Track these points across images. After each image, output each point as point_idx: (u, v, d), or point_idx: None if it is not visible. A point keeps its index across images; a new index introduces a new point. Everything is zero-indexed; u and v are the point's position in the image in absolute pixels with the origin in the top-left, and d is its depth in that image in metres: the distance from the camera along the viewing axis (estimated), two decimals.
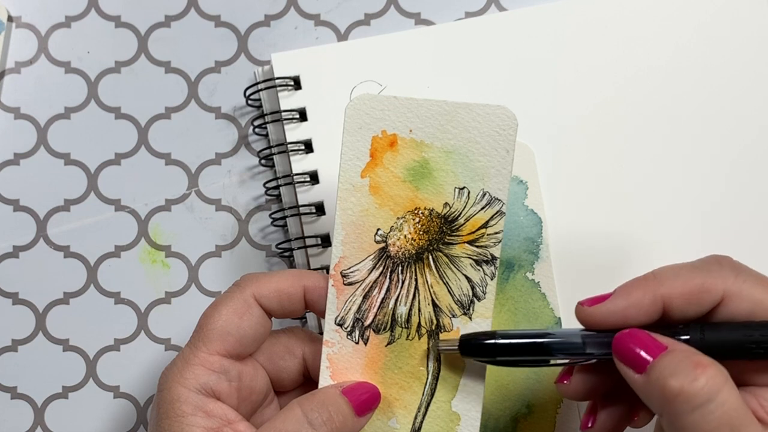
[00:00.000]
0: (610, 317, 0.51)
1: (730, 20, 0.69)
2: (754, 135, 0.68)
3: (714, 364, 0.47)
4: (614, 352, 0.51)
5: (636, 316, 0.51)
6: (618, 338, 0.51)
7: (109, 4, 0.72)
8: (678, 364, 0.48)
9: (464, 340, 0.54)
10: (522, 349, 0.53)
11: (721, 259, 0.52)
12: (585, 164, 0.68)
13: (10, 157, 0.72)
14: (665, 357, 0.48)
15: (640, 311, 0.51)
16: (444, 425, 0.56)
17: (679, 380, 0.47)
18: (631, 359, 0.50)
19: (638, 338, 0.50)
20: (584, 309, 0.52)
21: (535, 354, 0.53)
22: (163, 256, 0.71)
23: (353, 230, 0.56)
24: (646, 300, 0.51)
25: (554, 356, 0.53)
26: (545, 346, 0.53)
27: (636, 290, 0.51)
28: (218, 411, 0.54)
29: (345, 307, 0.56)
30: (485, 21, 0.70)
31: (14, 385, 0.71)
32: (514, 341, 0.53)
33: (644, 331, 0.50)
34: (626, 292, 0.51)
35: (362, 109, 0.56)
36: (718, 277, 0.50)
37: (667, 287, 0.51)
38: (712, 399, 0.46)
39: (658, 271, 0.52)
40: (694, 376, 0.47)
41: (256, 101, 0.71)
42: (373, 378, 0.56)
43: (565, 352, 0.53)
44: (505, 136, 0.55)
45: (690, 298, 0.50)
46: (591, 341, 0.52)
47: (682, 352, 0.48)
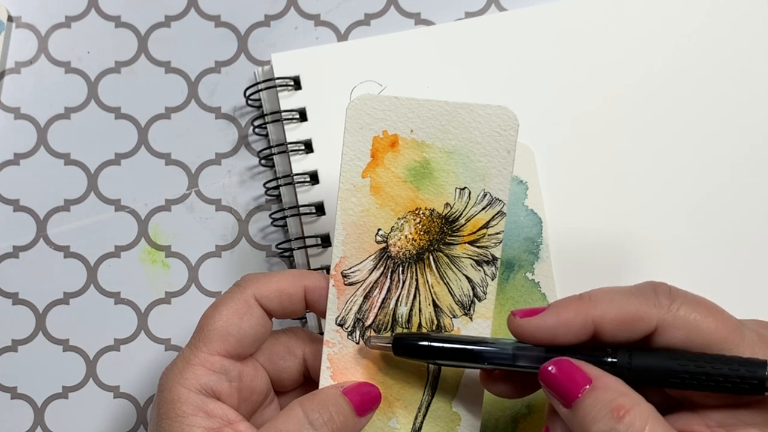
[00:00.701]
0: (538, 333, 0.51)
1: (730, 20, 0.69)
2: (754, 135, 0.68)
3: (635, 405, 0.47)
4: (541, 381, 0.51)
5: (565, 335, 0.50)
6: (543, 370, 0.50)
7: (109, 4, 0.72)
8: (599, 409, 0.47)
9: (397, 340, 0.54)
10: (453, 355, 0.53)
11: (657, 286, 0.51)
12: (585, 164, 0.68)
13: (10, 157, 0.72)
14: (588, 397, 0.48)
15: (569, 331, 0.50)
16: (444, 425, 0.56)
17: (599, 427, 0.47)
18: (558, 392, 0.50)
19: (563, 370, 0.50)
20: (515, 320, 0.52)
21: (467, 360, 0.53)
22: (163, 256, 0.71)
23: (354, 230, 0.56)
24: (577, 321, 0.50)
25: (484, 364, 0.53)
26: (476, 353, 0.53)
27: (568, 310, 0.51)
28: (219, 411, 0.54)
29: (346, 307, 0.56)
30: (485, 21, 0.70)
31: (14, 385, 0.71)
32: (445, 346, 0.53)
33: (570, 361, 0.50)
34: (558, 310, 0.51)
35: (363, 109, 0.56)
36: (653, 306, 0.50)
37: (599, 311, 0.50)
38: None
39: (594, 293, 0.51)
40: (613, 423, 0.47)
41: (256, 101, 0.71)
42: (373, 378, 0.56)
43: (495, 361, 0.52)
44: (506, 136, 0.55)
45: (622, 324, 0.50)
46: (522, 354, 0.52)
47: (604, 392, 0.48)
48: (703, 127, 0.69)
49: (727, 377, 0.48)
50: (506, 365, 0.52)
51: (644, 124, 0.69)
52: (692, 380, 0.48)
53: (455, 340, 0.54)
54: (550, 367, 0.50)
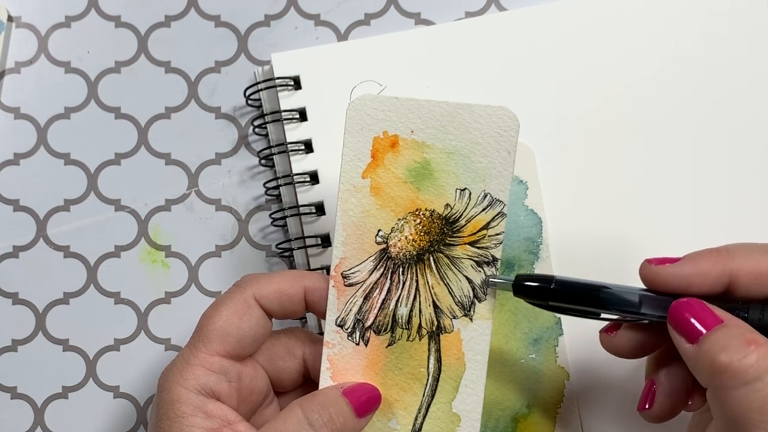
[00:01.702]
0: (673, 280, 0.51)
1: (731, 20, 0.69)
2: (755, 135, 0.68)
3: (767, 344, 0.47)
4: (669, 318, 0.50)
5: (700, 285, 0.50)
6: (675, 305, 0.50)
7: (109, 4, 0.72)
8: (730, 339, 0.47)
9: (519, 280, 0.54)
10: (576, 298, 0.53)
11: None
12: (585, 164, 0.68)
13: (10, 157, 0.72)
14: (718, 330, 0.48)
15: (705, 281, 0.50)
16: (444, 426, 0.56)
17: (729, 355, 0.46)
18: (685, 328, 0.49)
19: (695, 308, 0.49)
20: (650, 267, 0.52)
21: (589, 305, 0.52)
22: (163, 256, 0.71)
23: (354, 231, 0.56)
24: (714, 271, 0.50)
25: (608, 310, 0.52)
26: (601, 298, 0.52)
27: (706, 260, 0.51)
28: (218, 411, 0.54)
29: (346, 308, 0.56)
30: (485, 21, 0.70)
31: (14, 385, 0.71)
32: (569, 288, 0.53)
33: (702, 302, 0.50)
34: (696, 259, 0.51)
35: (363, 109, 0.56)
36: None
37: (737, 263, 0.50)
38: (760, 378, 0.46)
39: (731, 247, 0.51)
40: (745, 353, 0.46)
41: (256, 101, 0.71)
42: (373, 379, 0.56)
43: (619, 307, 0.52)
44: (506, 137, 0.55)
45: (758, 278, 0.50)
46: (648, 301, 0.51)
47: (737, 328, 0.48)
48: (704, 126, 0.68)
49: None
50: (631, 312, 0.52)
51: (644, 124, 0.69)
52: None
53: (578, 284, 0.53)
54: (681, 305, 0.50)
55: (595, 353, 0.67)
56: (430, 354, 0.56)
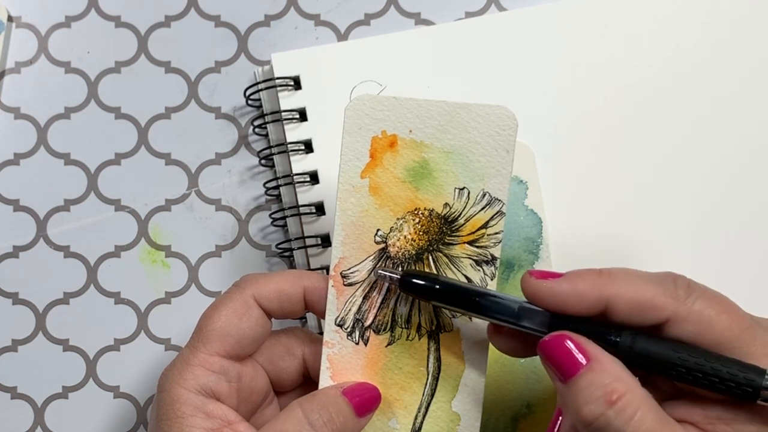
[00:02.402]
0: (550, 297, 0.51)
1: (731, 20, 0.69)
2: (755, 135, 0.68)
3: (629, 390, 0.47)
4: (540, 352, 0.50)
5: (575, 305, 0.50)
6: (543, 343, 0.50)
7: (109, 4, 0.72)
8: (592, 391, 0.47)
9: (405, 276, 0.54)
10: (458, 301, 0.53)
11: (677, 277, 0.51)
12: (585, 164, 0.68)
13: (10, 157, 0.72)
14: (583, 378, 0.48)
15: (581, 302, 0.50)
16: (444, 425, 0.56)
17: (590, 410, 0.47)
18: (555, 367, 0.50)
19: (564, 346, 0.49)
20: (530, 279, 0.51)
21: (470, 310, 0.53)
22: (163, 256, 0.71)
23: (353, 231, 0.56)
24: (591, 294, 0.50)
25: (486, 316, 0.52)
26: (481, 304, 0.52)
27: (585, 281, 0.50)
28: (218, 412, 0.54)
29: (345, 307, 0.56)
30: (485, 21, 0.70)
31: (14, 385, 0.71)
32: (452, 291, 0.53)
33: (572, 338, 0.50)
34: (575, 279, 0.51)
35: (362, 109, 0.56)
36: (670, 296, 0.49)
37: (615, 289, 0.50)
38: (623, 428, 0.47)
39: (614, 271, 0.51)
40: (604, 408, 0.47)
41: (256, 101, 0.71)
42: (373, 378, 0.56)
43: (498, 316, 0.52)
44: (505, 136, 0.55)
45: (635, 308, 0.49)
46: (527, 314, 0.52)
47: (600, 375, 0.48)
48: (704, 126, 0.68)
49: (723, 380, 0.48)
50: (509, 322, 0.52)
51: (644, 124, 0.69)
52: (689, 375, 0.48)
53: (462, 287, 0.53)
54: (551, 340, 0.50)
55: None
56: (429, 353, 0.56)
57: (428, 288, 0.54)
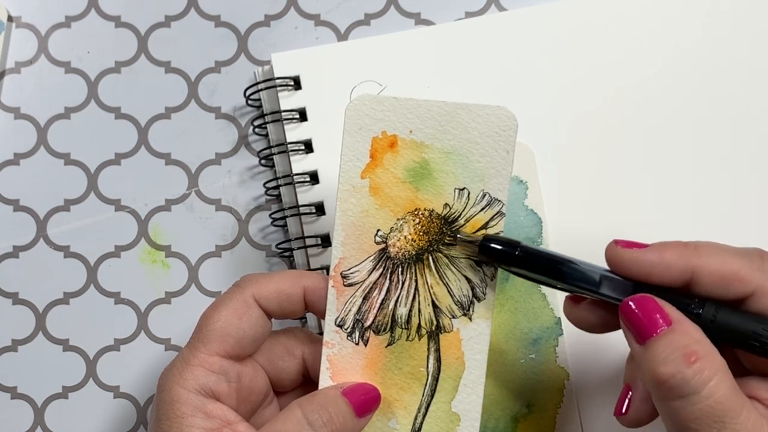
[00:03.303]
0: (634, 265, 0.51)
1: (731, 20, 0.69)
2: (755, 135, 0.68)
3: (708, 354, 0.47)
4: (620, 313, 0.50)
5: (660, 275, 0.50)
6: (627, 301, 0.50)
7: (109, 4, 0.72)
8: (672, 351, 0.47)
9: (486, 240, 0.54)
10: (538, 267, 0.53)
11: (764, 253, 0.51)
12: (585, 164, 0.68)
13: (10, 157, 0.72)
14: (663, 338, 0.48)
15: (666, 272, 0.50)
16: (444, 426, 0.56)
17: (667, 368, 0.47)
18: (635, 326, 0.49)
19: (646, 308, 0.49)
20: (615, 248, 0.51)
21: (550, 276, 0.52)
22: (163, 256, 0.71)
23: (353, 231, 0.56)
24: (678, 265, 0.50)
25: (567, 284, 0.52)
26: (562, 271, 0.52)
27: (671, 252, 0.50)
28: (218, 412, 0.54)
29: (345, 308, 0.56)
30: (485, 21, 0.70)
31: (14, 385, 0.71)
32: (533, 257, 0.53)
33: (655, 300, 0.50)
34: (661, 249, 0.51)
35: (362, 109, 0.56)
36: (756, 269, 0.49)
37: (702, 261, 0.50)
38: (697, 391, 0.46)
39: (700, 244, 0.51)
40: (682, 367, 0.47)
41: (256, 101, 0.71)
42: (373, 379, 0.56)
43: (579, 283, 0.52)
44: (505, 137, 0.55)
45: (720, 280, 0.49)
46: (608, 283, 0.51)
47: (682, 336, 0.48)
48: (704, 126, 0.68)
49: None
50: (590, 290, 0.52)
51: (644, 124, 0.68)
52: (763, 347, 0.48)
53: (543, 254, 0.53)
54: (633, 302, 0.50)
55: (595, 353, 0.67)
56: (429, 353, 0.56)
57: (508, 254, 0.53)
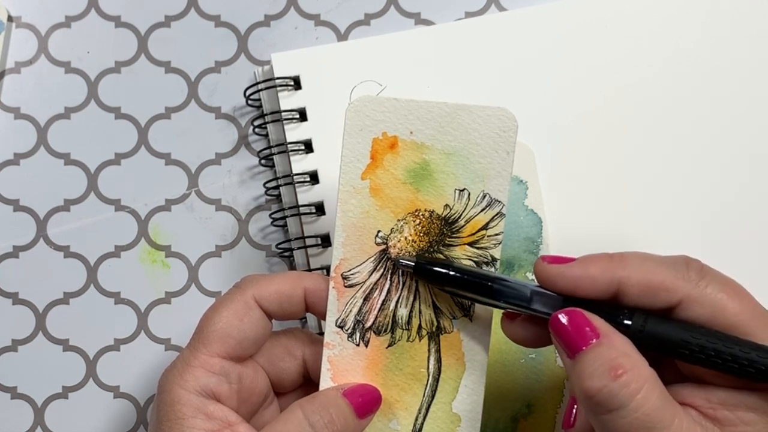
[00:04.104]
0: (561, 280, 0.51)
1: (731, 20, 0.69)
2: (755, 135, 0.68)
3: (635, 367, 0.47)
4: (550, 327, 0.51)
5: (587, 288, 0.50)
6: (554, 316, 0.50)
7: (109, 4, 0.72)
8: (599, 364, 0.48)
9: (419, 263, 0.55)
10: (469, 286, 0.53)
11: (690, 261, 0.51)
12: (585, 164, 0.68)
13: (10, 157, 0.72)
14: (590, 352, 0.48)
15: (592, 285, 0.50)
16: (444, 426, 0.56)
17: (594, 383, 0.47)
18: (564, 341, 0.50)
19: (574, 321, 0.50)
20: (542, 264, 0.52)
21: (482, 294, 0.53)
22: (163, 256, 0.71)
23: (354, 232, 0.56)
24: (603, 277, 0.50)
25: (499, 301, 0.53)
26: (493, 289, 0.53)
27: (596, 264, 0.51)
28: (218, 413, 0.54)
29: (346, 309, 0.56)
30: (485, 21, 0.70)
31: (14, 385, 0.71)
32: (465, 276, 0.53)
33: (583, 313, 0.50)
34: (586, 263, 0.51)
35: (363, 110, 0.56)
36: (682, 278, 0.50)
37: (628, 272, 0.50)
38: (625, 405, 0.47)
39: (625, 255, 0.51)
40: (609, 381, 0.47)
41: (256, 101, 0.71)
42: (373, 380, 0.56)
43: (510, 300, 0.52)
44: (505, 137, 0.55)
45: (647, 290, 0.50)
46: (539, 298, 0.52)
47: (608, 350, 0.48)
48: (704, 126, 0.68)
49: (736, 358, 0.48)
50: (521, 306, 0.52)
51: (644, 124, 0.69)
52: (701, 354, 0.48)
53: (475, 272, 0.54)
54: (561, 315, 0.50)
55: None
56: (430, 354, 0.56)
57: (442, 274, 0.54)
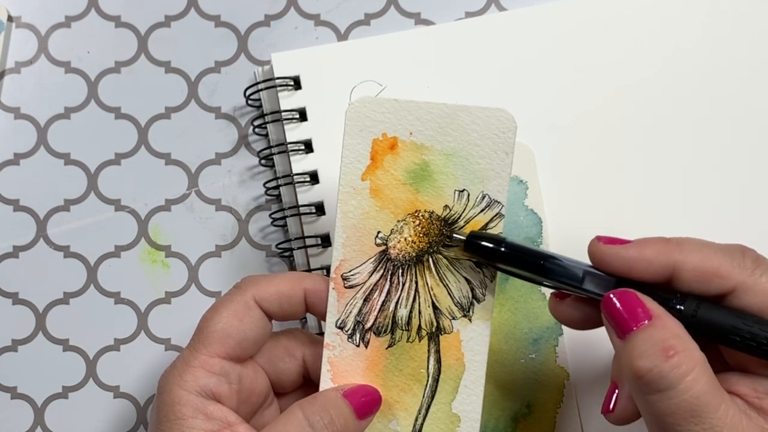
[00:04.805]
0: (616, 261, 0.51)
1: (731, 20, 0.69)
2: (755, 135, 0.68)
3: (687, 349, 0.47)
4: (602, 307, 0.51)
5: (642, 271, 0.50)
6: (607, 296, 0.50)
7: (109, 4, 0.72)
8: (650, 345, 0.48)
9: (471, 237, 0.54)
10: (522, 263, 0.53)
11: (745, 249, 0.51)
12: (585, 164, 0.68)
13: (10, 157, 0.72)
14: (642, 332, 0.48)
15: (647, 268, 0.50)
16: (444, 427, 0.56)
17: (644, 362, 0.47)
18: (615, 322, 0.50)
19: (627, 302, 0.50)
20: (597, 244, 0.52)
21: (534, 272, 0.53)
22: (163, 256, 0.71)
23: (354, 233, 0.56)
24: (659, 260, 0.50)
25: (550, 279, 0.52)
26: (545, 267, 0.52)
27: (652, 247, 0.50)
28: (218, 413, 0.54)
29: (346, 310, 0.56)
30: (485, 21, 0.70)
31: (14, 385, 0.71)
32: (517, 252, 0.53)
33: (636, 294, 0.50)
34: (642, 245, 0.51)
35: (363, 111, 0.56)
36: (737, 266, 0.49)
37: (683, 257, 0.50)
38: (674, 386, 0.46)
39: (682, 239, 0.51)
40: (660, 361, 0.47)
41: (256, 101, 0.71)
42: (373, 381, 0.56)
43: (562, 279, 0.52)
44: (504, 138, 0.55)
45: (701, 276, 0.50)
46: (591, 278, 0.52)
47: (661, 331, 0.48)
48: (703, 126, 0.68)
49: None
50: (573, 285, 0.52)
51: (644, 124, 0.69)
52: (752, 341, 0.48)
53: (528, 250, 0.53)
54: (614, 295, 0.50)
55: (595, 353, 0.67)
56: (429, 355, 0.56)
57: (493, 250, 0.53)
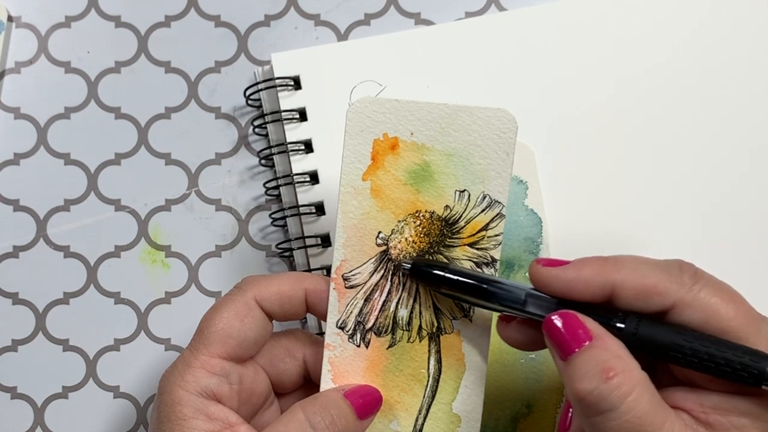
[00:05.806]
0: (555, 283, 0.51)
1: (730, 20, 0.69)
2: (754, 134, 0.68)
3: (627, 370, 0.47)
4: (543, 329, 0.51)
5: (581, 291, 0.50)
6: (548, 318, 0.50)
7: (109, 4, 0.72)
8: (591, 367, 0.48)
9: (416, 265, 0.55)
10: (464, 288, 0.53)
11: (683, 264, 0.51)
12: (585, 164, 0.68)
13: (10, 157, 0.72)
14: (583, 354, 0.48)
15: (586, 288, 0.50)
16: (445, 427, 0.56)
17: (585, 385, 0.47)
18: (557, 343, 0.50)
19: (568, 323, 0.50)
20: (536, 266, 0.52)
21: (477, 296, 0.53)
22: (163, 256, 0.71)
23: (354, 233, 0.56)
24: (597, 280, 0.50)
25: (493, 303, 0.53)
26: (487, 291, 0.53)
27: (590, 268, 0.51)
28: (219, 414, 0.54)
29: (346, 310, 0.56)
30: (485, 21, 0.70)
31: (14, 385, 0.71)
32: (459, 278, 0.54)
33: (576, 316, 0.50)
34: (580, 266, 0.51)
35: (363, 112, 0.56)
36: (675, 282, 0.50)
37: (621, 276, 0.50)
38: (615, 407, 0.47)
39: (619, 258, 0.51)
40: (600, 382, 0.47)
41: (256, 101, 0.71)
42: (374, 381, 0.56)
43: (505, 303, 0.52)
44: (505, 138, 0.55)
45: (640, 294, 0.50)
46: (533, 301, 0.52)
47: (600, 352, 0.48)
48: (704, 126, 0.69)
49: (729, 362, 0.47)
50: (516, 309, 0.52)
51: (644, 124, 0.69)
52: (694, 358, 0.48)
53: (470, 275, 0.54)
54: (555, 317, 0.50)
55: None
56: (430, 355, 0.56)
57: (436, 275, 0.54)
